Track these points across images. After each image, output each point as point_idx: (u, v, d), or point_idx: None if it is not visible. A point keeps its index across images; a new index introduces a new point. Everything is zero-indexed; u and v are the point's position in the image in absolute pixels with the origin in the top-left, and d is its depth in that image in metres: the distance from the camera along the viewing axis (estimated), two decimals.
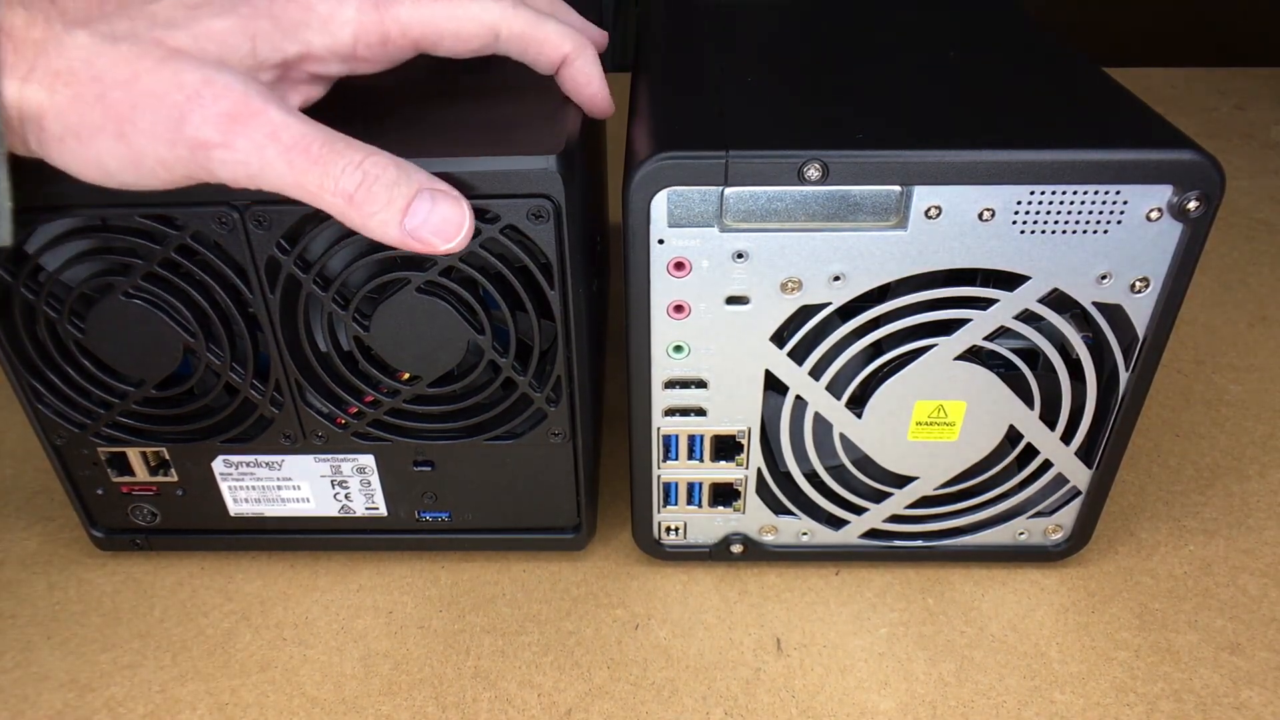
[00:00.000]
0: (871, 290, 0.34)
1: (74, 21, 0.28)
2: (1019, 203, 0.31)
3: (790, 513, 0.40)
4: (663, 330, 0.35)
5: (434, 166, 0.31)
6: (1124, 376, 0.36)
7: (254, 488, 0.41)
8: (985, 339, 0.35)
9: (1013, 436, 0.38)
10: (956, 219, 0.32)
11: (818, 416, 0.37)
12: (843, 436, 0.38)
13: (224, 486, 0.41)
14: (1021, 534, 0.41)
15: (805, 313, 0.34)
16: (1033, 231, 0.32)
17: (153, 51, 0.28)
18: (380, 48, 0.31)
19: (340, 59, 0.31)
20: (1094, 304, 0.34)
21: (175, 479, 0.41)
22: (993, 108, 0.34)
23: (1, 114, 0.27)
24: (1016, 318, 0.34)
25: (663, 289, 0.34)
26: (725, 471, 0.39)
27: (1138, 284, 0.33)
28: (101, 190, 0.32)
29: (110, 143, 0.28)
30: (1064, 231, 0.32)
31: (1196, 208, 0.31)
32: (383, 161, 0.29)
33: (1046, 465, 0.39)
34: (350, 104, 0.35)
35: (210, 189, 0.31)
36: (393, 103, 0.35)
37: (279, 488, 0.41)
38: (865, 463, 0.39)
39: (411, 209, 0.29)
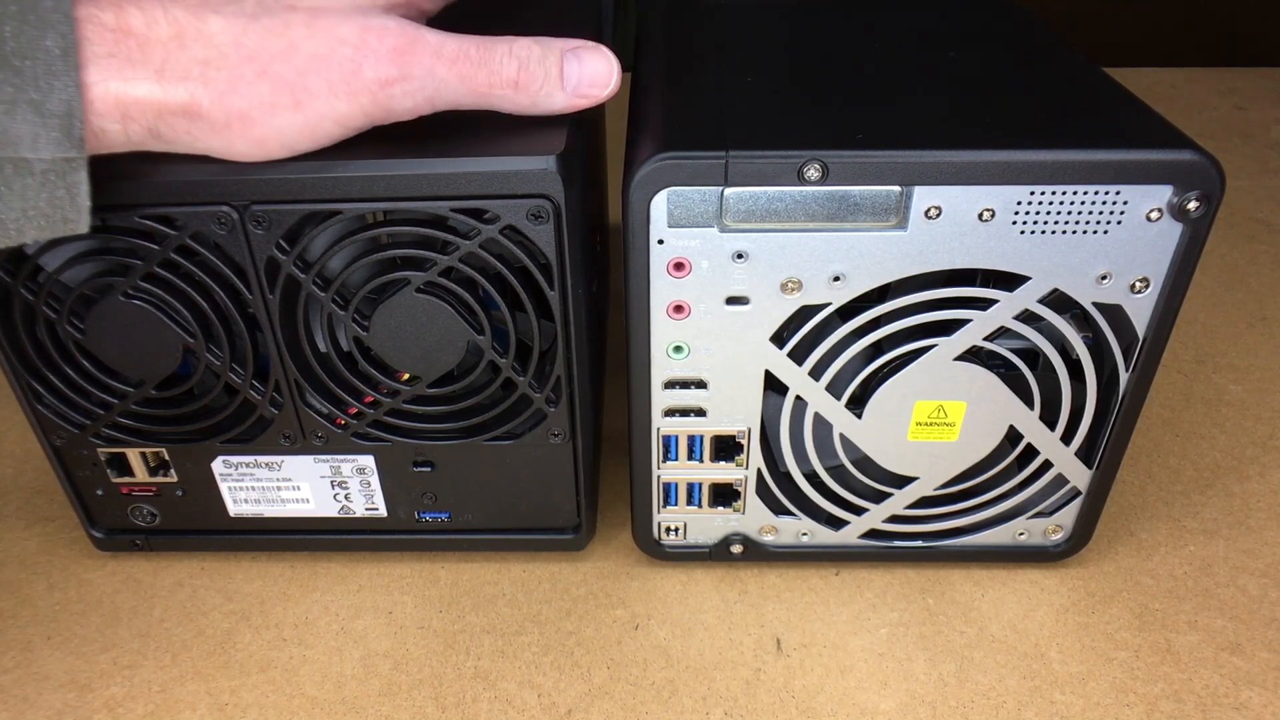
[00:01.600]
0: (871, 290, 0.34)
1: (200, 12, 0.28)
2: (1019, 203, 0.31)
3: (790, 513, 0.40)
4: (663, 330, 0.35)
5: (434, 167, 0.31)
6: (1124, 377, 0.36)
7: (254, 488, 0.41)
8: (985, 339, 0.35)
9: (1013, 437, 0.38)
10: (956, 219, 0.32)
11: (818, 417, 0.37)
12: (843, 437, 0.38)
13: (224, 487, 0.41)
14: (1021, 534, 0.41)
15: (805, 313, 0.34)
16: (1033, 231, 0.32)
17: (294, 19, 0.29)
18: None
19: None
20: (1094, 304, 0.34)
21: (175, 479, 0.41)
22: (993, 108, 0.34)
23: (76, 120, 0.27)
24: (1016, 318, 0.34)
25: (663, 289, 0.34)
26: (725, 472, 0.39)
27: (1138, 284, 0.33)
28: (102, 190, 0.32)
29: (288, 114, 0.29)
30: (1064, 231, 0.32)
31: (1196, 208, 0.31)
32: (525, 42, 0.31)
33: (1046, 465, 0.39)
34: None
35: (210, 189, 0.32)
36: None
37: (279, 488, 0.41)
38: (865, 463, 0.39)
39: (565, 73, 0.32)
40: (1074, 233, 0.32)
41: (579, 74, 0.32)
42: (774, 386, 0.37)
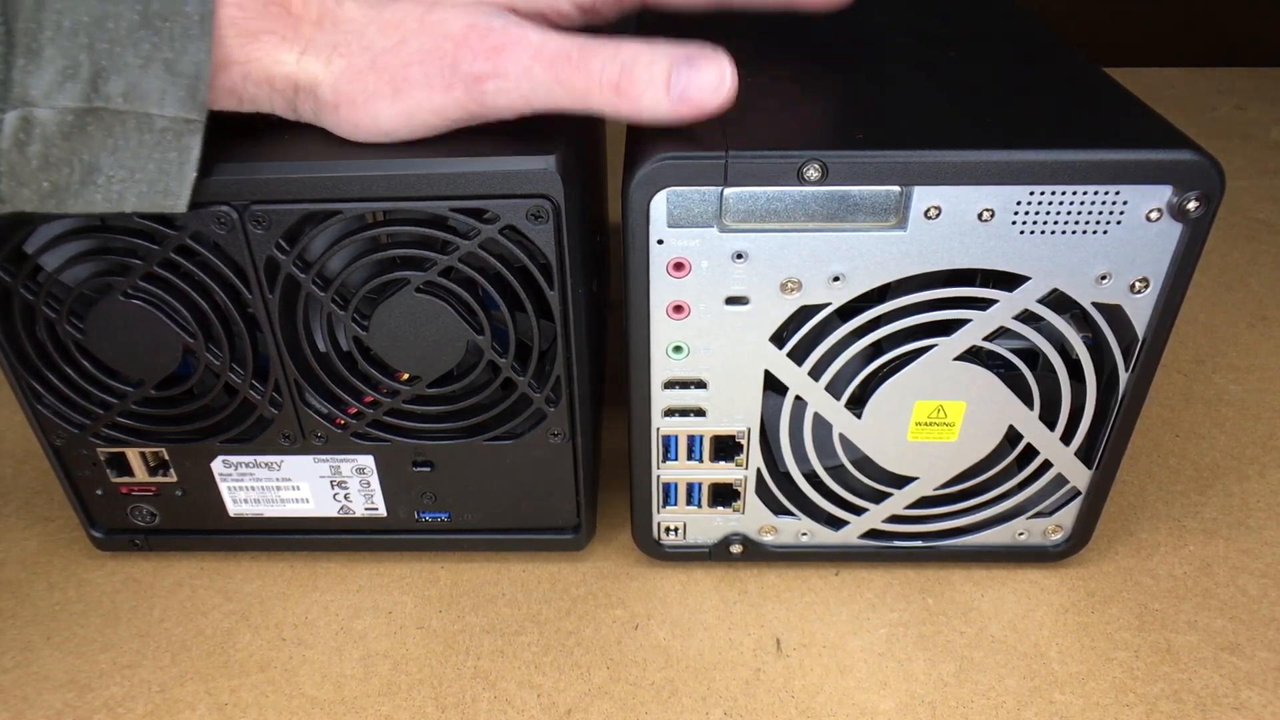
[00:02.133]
0: (871, 290, 0.34)
1: None
2: (1019, 203, 0.31)
3: (790, 513, 0.40)
4: (662, 330, 0.35)
5: (433, 167, 0.31)
6: (1124, 377, 0.36)
7: (253, 488, 0.41)
8: (985, 339, 0.35)
9: (1012, 437, 0.38)
10: (956, 219, 0.32)
11: (817, 417, 0.37)
12: (842, 437, 0.38)
13: (223, 487, 0.41)
14: (1021, 534, 0.41)
15: (805, 313, 0.34)
16: (1033, 231, 0.32)
17: (413, 12, 0.30)
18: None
19: (579, 8, 0.34)
20: (1094, 304, 0.34)
21: (175, 479, 0.41)
22: (993, 108, 0.34)
23: (202, 84, 0.29)
24: (1016, 318, 0.34)
25: (662, 289, 0.34)
26: (725, 472, 0.39)
27: (1137, 284, 0.33)
28: None
29: (387, 103, 0.30)
30: (1064, 232, 0.32)
31: (1196, 208, 0.31)
32: (632, 46, 0.30)
33: (1046, 465, 0.39)
34: None
35: (210, 189, 0.32)
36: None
37: (278, 488, 0.41)
38: (865, 463, 0.39)
39: (672, 80, 0.30)
40: (1074, 233, 0.32)
41: (687, 80, 0.30)
42: (774, 386, 0.37)
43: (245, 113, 0.32)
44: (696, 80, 0.30)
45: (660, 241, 0.33)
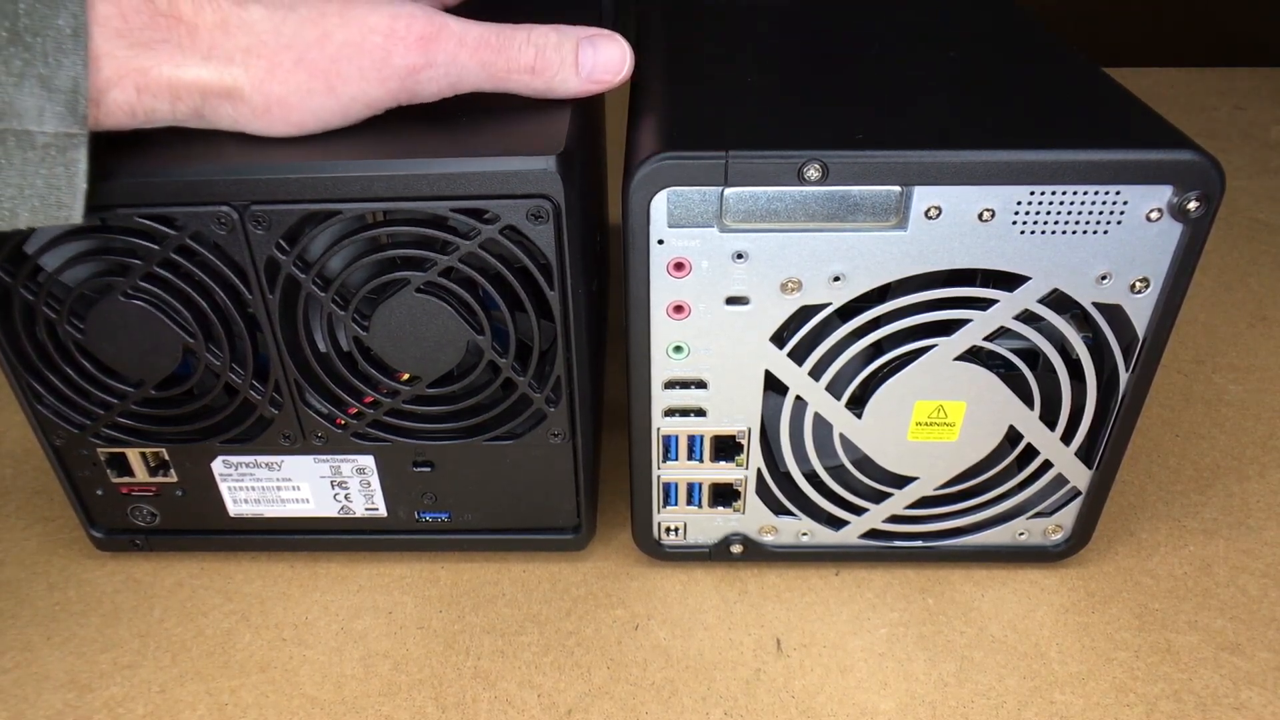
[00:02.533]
0: (871, 290, 0.34)
1: (243, 1, 0.30)
2: (1019, 203, 0.31)
3: (790, 513, 0.40)
4: (663, 330, 0.35)
5: (433, 167, 0.31)
6: (1124, 377, 0.36)
7: (254, 488, 0.41)
8: (985, 339, 0.35)
9: (1013, 437, 0.38)
10: (956, 219, 0.32)
11: (818, 417, 0.37)
12: (843, 437, 0.38)
13: (223, 487, 0.41)
14: (1021, 534, 0.41)
15: (805, 313, 0.34)
16: (1033, 231, 0.32)
17: (329, 8, 0.31)
18: None
19: None
20: (1094, 304, 0.34)
21: (175, 479, 0.41)
22: (993, 108, 0.34)
23: (81, 97, 0.29)
24: (1016, 318, 0.34)
25: (663, 289, 0.34)
26: (725, 472, 0.39)
27: (1138, 284, 0.33)
28: (101, 190, 0.32)
29: (323, 99, 0.31)
30: (1064, 232, 0.32)
31: (1196, 208, 0.31)
32: (542, 29, 0.33)
33: (1046, 465, 0.39)
34: None
35: (210, 189, 0.32)
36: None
37: (278, 488, 0.41)
38: (865, 463, 0.39)
39: (580, 60, 0.34)
40: (1074, 233, 0.32)
41: (594, 60, 0.34)
42: (774, 386, 0.37)
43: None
44: (601, 59, 0.34)
45: (660, 241, 0.33)
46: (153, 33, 0.29)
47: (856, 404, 0.37)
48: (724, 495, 0.40)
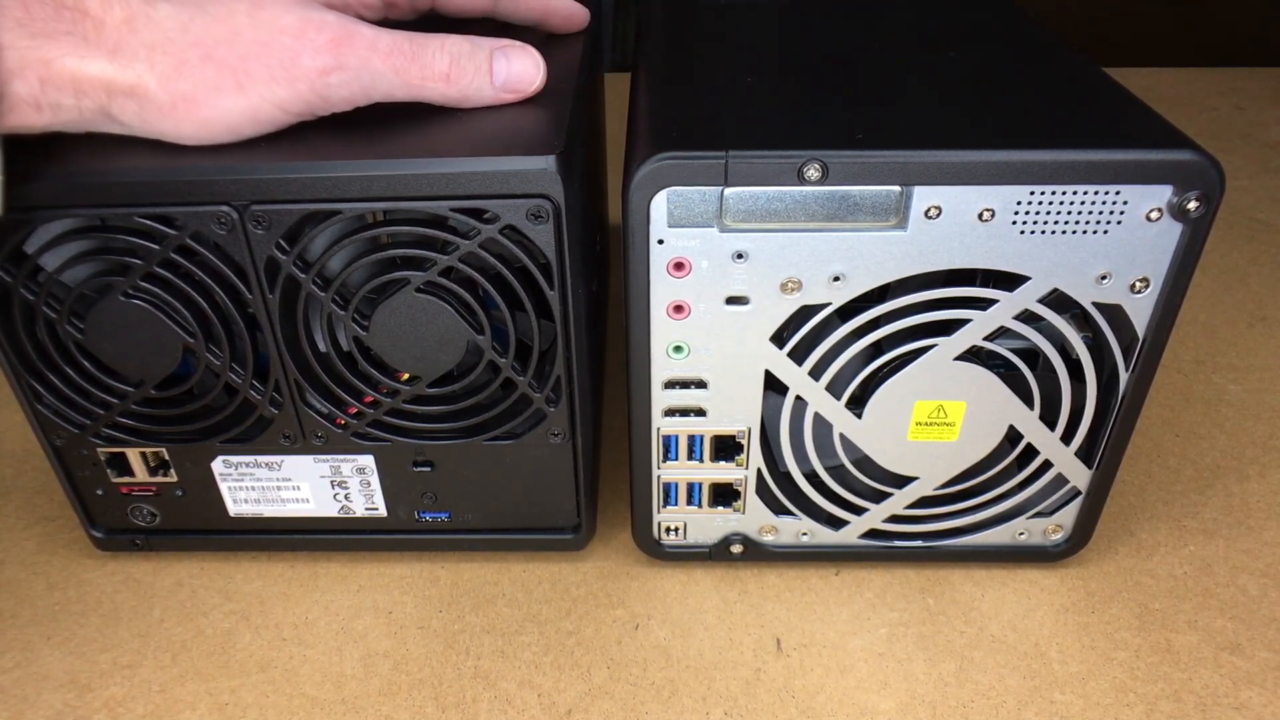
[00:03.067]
0: (871, 290, 0.34)
1: None
2: (1019, 203, 0.31)
3: (790, 513, 0.40)
4: (663, 330, 0.35)
5: (433, 167, 0.31)
6: (1124, 377, 0.36)
7: (254, 488, 0.41)
8: (985, 339, 0.35)
9: (1013, 437, 0.38)
10: (956, 219, 0.32)
11: (818, 417, 0.37)
12: (843, 436, 0.38)
13: (223, 487, 0.41)
14: (1021, 534, 0.41)
15: (805, 313, 0.34)
16: (1033, 231, 0.32)
17: (239, 8, 0.30)
18: None
19: (384, 2, 0.38)
20: (1094, 304, 0.34)
21: (175, 479, 0.41)
22: (993, 108, 0.34)
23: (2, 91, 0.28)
24: (1016, 318, 0.34)
25: (663, 289, 0.34)
26: (725, 472, 0.39)
27: (1138, 284, 0.33)
28: (101, 190, 0.32)
29: (231, 97, 0.30)
30: (1064, 231, 0.32)
31: (1196, 208, 0.31)
32: (456, 39, 0.33)
33: (1046, 465, 0.39)
34: None
35: (210, 189, 0.32)
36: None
37: (278, 488, 0.41)
38: (865, 463, 0.39)
39: (494, 69, 0.34)
40: (1074, 233, 0.32)
41: (507, 70, 0.34)
42: (774, 386, 0.37)
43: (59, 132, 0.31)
44: (515, 69, 0.34)
45: (660, 241, 0.33)
46: (56, 24, 0.29)
47: (856, 404, 0.37)
48: (724, 495, 0.40)
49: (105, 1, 0.29)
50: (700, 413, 0.37)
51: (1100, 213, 0.31)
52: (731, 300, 0.34)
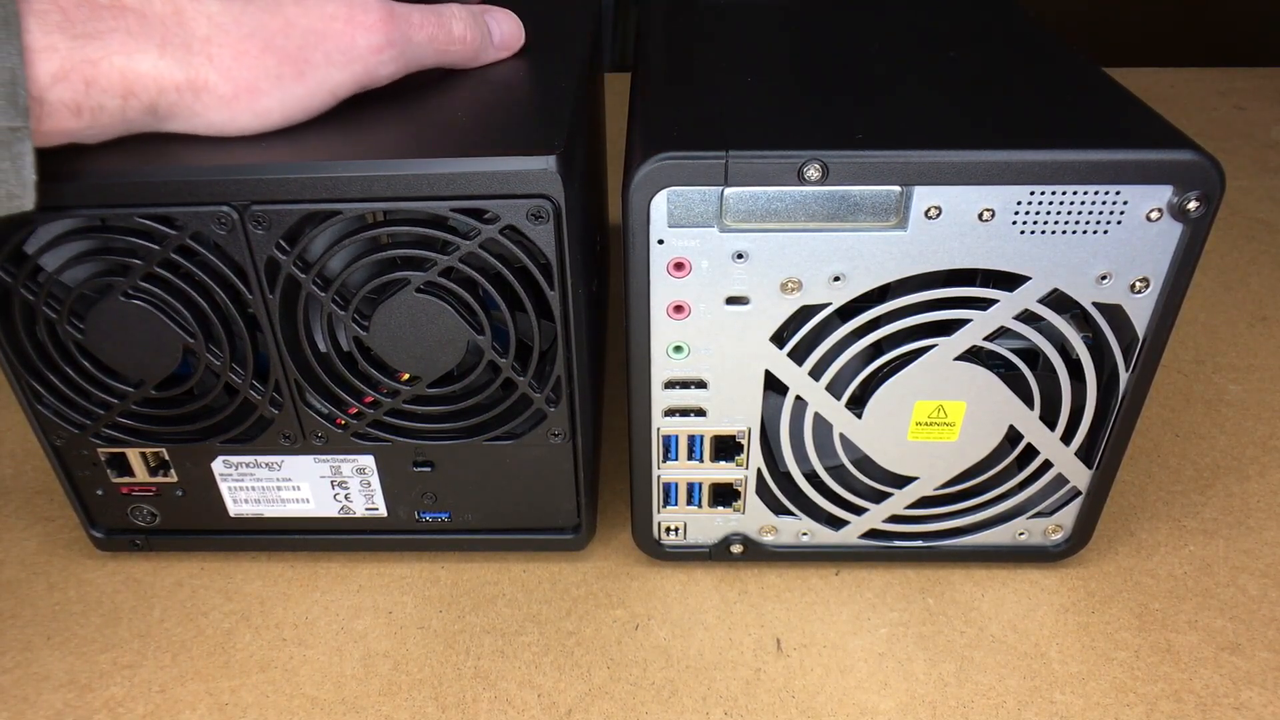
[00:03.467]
0: (871, 290, 0.34)
1: None
2: (1019, 203, 0.31)
3: (790, 513, 0.40)
4: (663, 330, 0.35)
5: (433, 167, 0.31)
6: (1124, 377, 0.36)
7: (254, 488, 0.41)
8: (985, 339, 0.35)
9: (1013, 437, 0.38)
10: (956, 219, 0.32)
11: (818, 417, 0.37)
12: (843, 436, 0.38)
13: (224, 487, 0.41)
14: (1021, 534, 0.41)
15: (805, 313, 0.34)
16: (1033, 231, 0.32)
17: None
18: None
19: None
20: (1094, 304, 0.34)
21: (175, 479, 0.41)
22: (993, 108, 0.34)
23: (20, 88, 0.27)
24: (1016, 318, 0.34)
25: (663, 289, 0.34)
26: (725, 472, 0.39)
27: (1138, 284, 0.33)
28: (101, 190, 0.32)
29: (292, 85, 0.31)
30: (1064, 231, 0.32)
31: (1196, 208, 0.31)
32: (456, 7, 0.36)
33: (1046, 465, 0.39)
34: (350, 102, 0.35)
35: (210, 189, 0.32)
36: (393, 102, 0.35)
37: (279, 488, 0.41)
38: (865, 463, 0.39)
39: (494, 31, 0.38)
40: (1074, 233, 0.32)
41: (500, 31, 0.38)
42: (774, 386, 0.37)
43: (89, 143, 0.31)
44: (508, 29, 0.39)
45: (660, 241, 0.33)
46: (98, 23, 0.28)
47: (856, 404, 0.37)
48: (724, 495, 0.40)
49: None
50: (700, 413, 0.37)
51: (1100, 213, 0.31)
52: (731, 300, 0.34)
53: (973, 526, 0.41)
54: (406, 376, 0.37)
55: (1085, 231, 0.32)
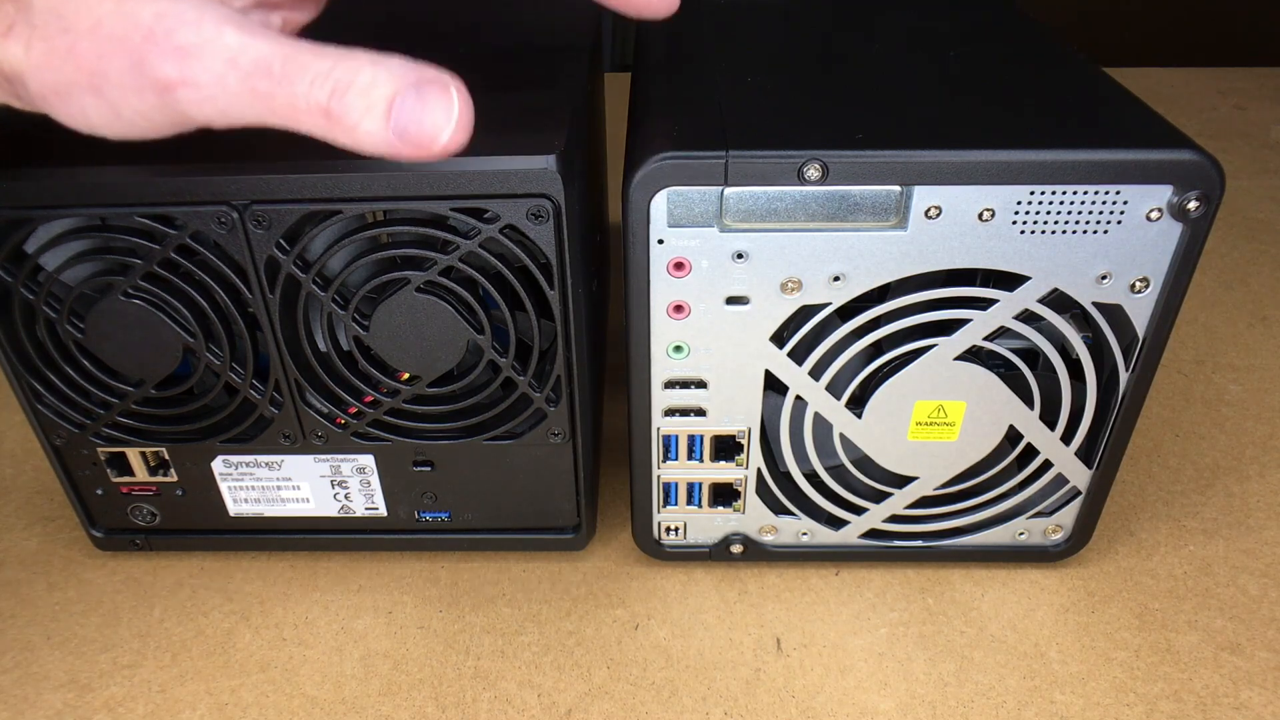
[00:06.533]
0: (871, 290, 0.34)
1: None
2: (1019, 203, 0.31)
3: (790, 513, 0.40)
4: (663, 330, 0.35)
5: (433, 166, 0.31)
6: (1124, 376, 0.36)
7: (254, 488, 0.41)
8: (985, 339, 0.35)
9: (1013, 436, 0.38)
10: (956, 219, 0.32)
11: (818, 416, 0.37)
12: (843, 436, 0.38)
13: (224, 487, 0.41)
14: (1021, 534, 0.41)
15: (805, 313, 0.34)
16: (1033, 231, 0.32)
17: None
18: None
19: None
20: (1094, 304, 0.34)
21: (175, 479, 0.41)
22: (993, 108, 0.34)
23: None
24: (1016, 318, 0.34)
25: (663, 289, 0.34)
26: (725, 471, 0.39)
27: (1138, 284, 0.33)
28: (101, 190, 0.32)
29: (89, 98, 0.26)
30: (1064, 231, 0.32)
31: (1196, 208, 0.31)
32: (352, 62, 0.25)
33: (1046, 465, 0.39)
34: None
35: (210, 189, 0.32)
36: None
37: (279, 488, 0.41)
38: (865, 463, 0.39)
39: (394, 111, 0.25)
40: (1074, 233, 0.32)
41: (409, 116, 0.25)
42: (774, 386, 0.37)
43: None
44: (421, 118, 0.25)
45: (660, 241, 0.33)
46: None
47: (856, 404, 0.37)
48: (724, 495, 0.40)
49: None
50: (700, 413, 0.37)
51: (1100, 213, 0.31)
52: (731, 300, 0.34)
53: (973, 526, 0.41)
54: (406, 376, 0.37)
55: (1085, 231, 0.32)
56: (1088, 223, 0.32)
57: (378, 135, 0.25)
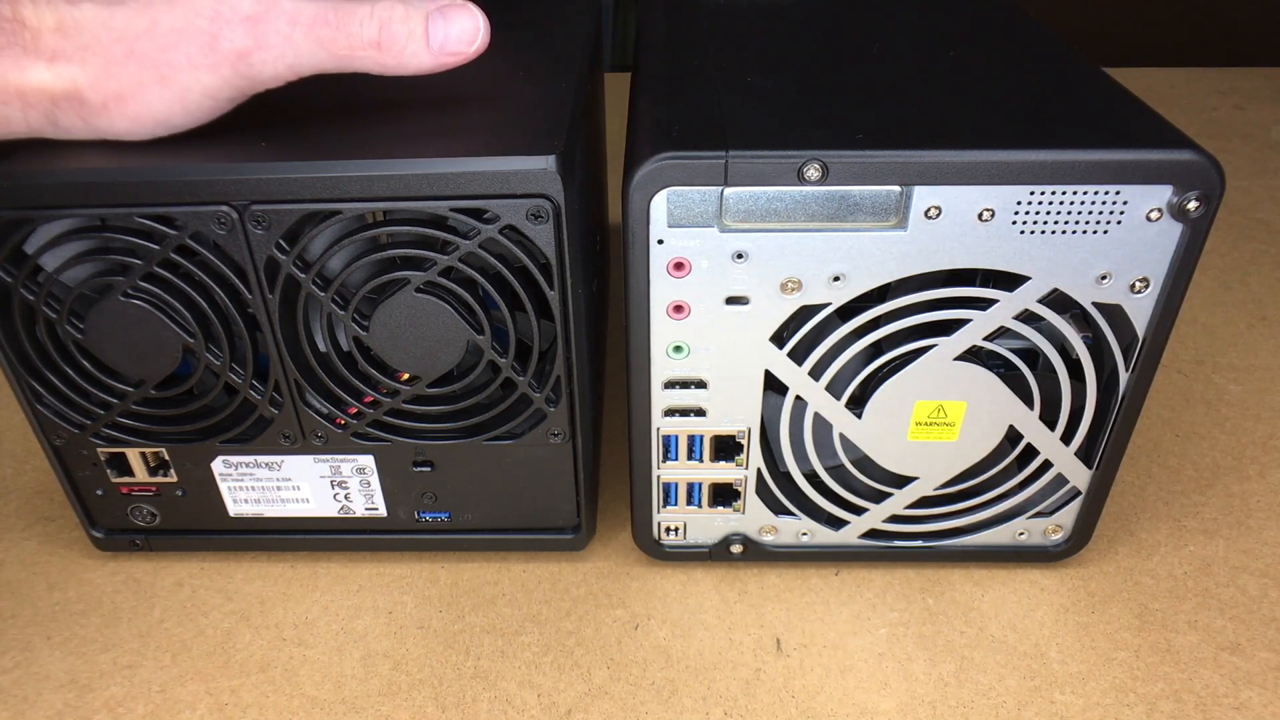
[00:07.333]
0: (871, 290, 0.34)
1: (75, 0, 0.30)
2: (1019, 203, 0.31)
3: (790, 513, 0.40)
4: (662, 330, 0.35)
5: (433, 167, 0.31)
6: (1124, 377, 0.36)
7: (254, 488, 0.41)
8: (985, 339, 0.35)
9: (1013, 437, 0.38)
10: (956, 219, 0.32)
11: (817, 416, 0.37)
12: (843, 436, 0.38)
13: (224, 487, 0.41)
14: (1021, 534, 0.41)
15: (805, 313, 0.34)
16: (1033, 231, 0.32)
17: None
18: None
19: None
20: (1094, 304, 0.34)
21: (175, 479, 0.41)
22: (993, 108, 0.34)
23: None
24: (1016, 318, 0.34)
25: (662, 289, 0.34)
26: (725, 472, 0.39)
27: (1138, 284, 0.33)
28: (101, 190, 0.32)
29: (156, 90, 0.30)
30: (1064, 231, 0.32)
31: (1196, 208, 0.31)
32: (388, 3, 0.31)
33: (1046, 465, 0.39)
34: (348, 103, 0.35)
35: (210, 189, 0.32)
36: (392, 102, 0.35)
37: (279, 488, 0.41)
38: (865, 463, 0.39)
39: (430, 33, 0.31)
40: (1074, 233, 0.32)
41: (445, 32, 0.31)
42: (774, 386, 0.37)
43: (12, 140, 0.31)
44: (454, 31, 0.31)
45: (660, 241, 0.33)
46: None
47: (856, 404, 0.37)
48: (724, 495, 0.40)
49: (38, 10, 0.29)
50: (700, 413, 0.37)
51: (1100, 213, 0.31)
52: (731, 300, 0.34)
53: (972, 526, 0.41)
54: (406, 376, 0.37)
55: (1085, 231, 0.32)
56: (1087, 223, 0.32)
57: (423, 55, 0.31)
